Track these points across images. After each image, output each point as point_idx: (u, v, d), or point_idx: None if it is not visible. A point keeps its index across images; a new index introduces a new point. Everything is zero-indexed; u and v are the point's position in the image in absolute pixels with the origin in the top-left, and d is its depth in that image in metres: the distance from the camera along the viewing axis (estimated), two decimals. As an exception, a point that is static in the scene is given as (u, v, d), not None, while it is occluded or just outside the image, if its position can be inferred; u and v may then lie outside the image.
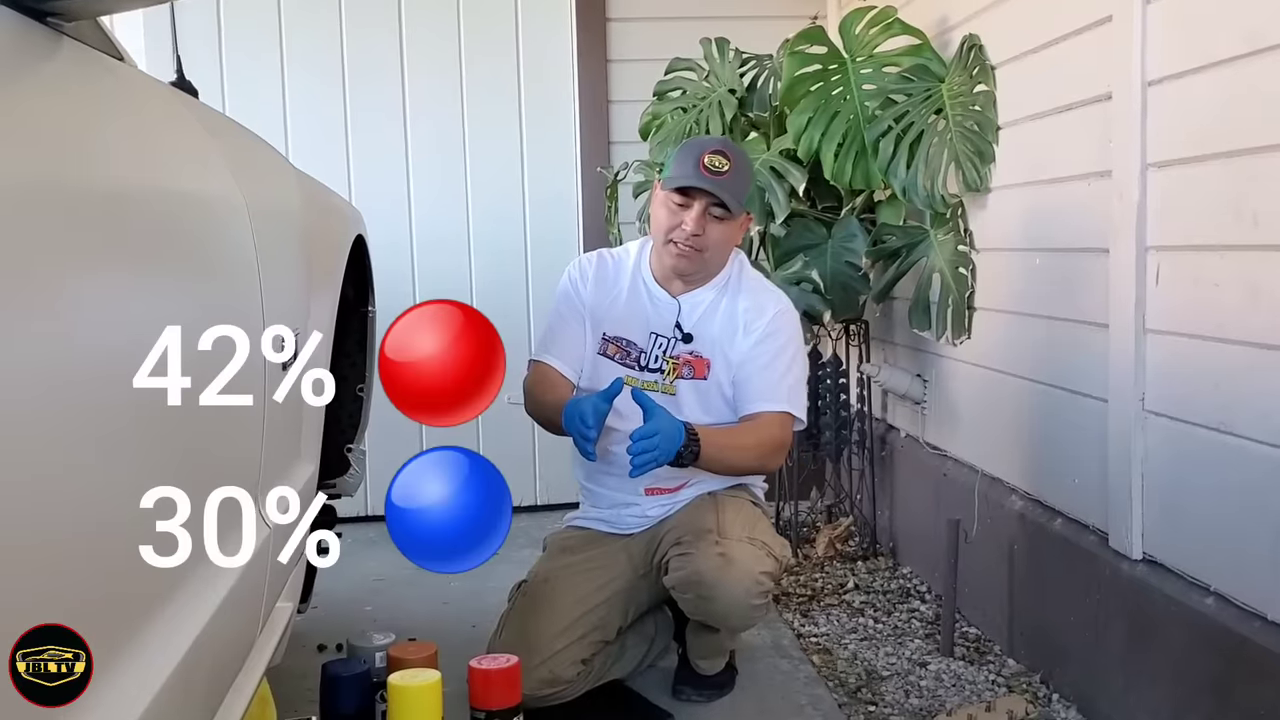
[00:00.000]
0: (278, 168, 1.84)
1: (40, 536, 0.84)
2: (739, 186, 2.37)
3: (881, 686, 2.55)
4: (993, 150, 2.81)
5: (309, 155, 3.73)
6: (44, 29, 1.04)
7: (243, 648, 1.48)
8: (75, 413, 0.90)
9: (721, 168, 2.32)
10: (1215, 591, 1.96)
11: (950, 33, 3.07)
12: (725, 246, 2.44)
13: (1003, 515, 2.73)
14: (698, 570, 2.23)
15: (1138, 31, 2.12)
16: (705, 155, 2.34)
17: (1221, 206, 1.92)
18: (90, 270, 0.95)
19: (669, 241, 2.39)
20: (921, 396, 3.31)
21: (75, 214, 0.92)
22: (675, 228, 2.37)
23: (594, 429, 2.23)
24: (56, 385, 0.87)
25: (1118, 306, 2.21)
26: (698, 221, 2.35)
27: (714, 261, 2.44)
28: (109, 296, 0.98)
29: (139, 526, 1.04)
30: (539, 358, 2.53)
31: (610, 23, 3.96)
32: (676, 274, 2.45)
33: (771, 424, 2.38)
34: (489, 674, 1.94)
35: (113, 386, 0.98)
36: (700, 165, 2.33)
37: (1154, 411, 2.13)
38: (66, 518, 0.89)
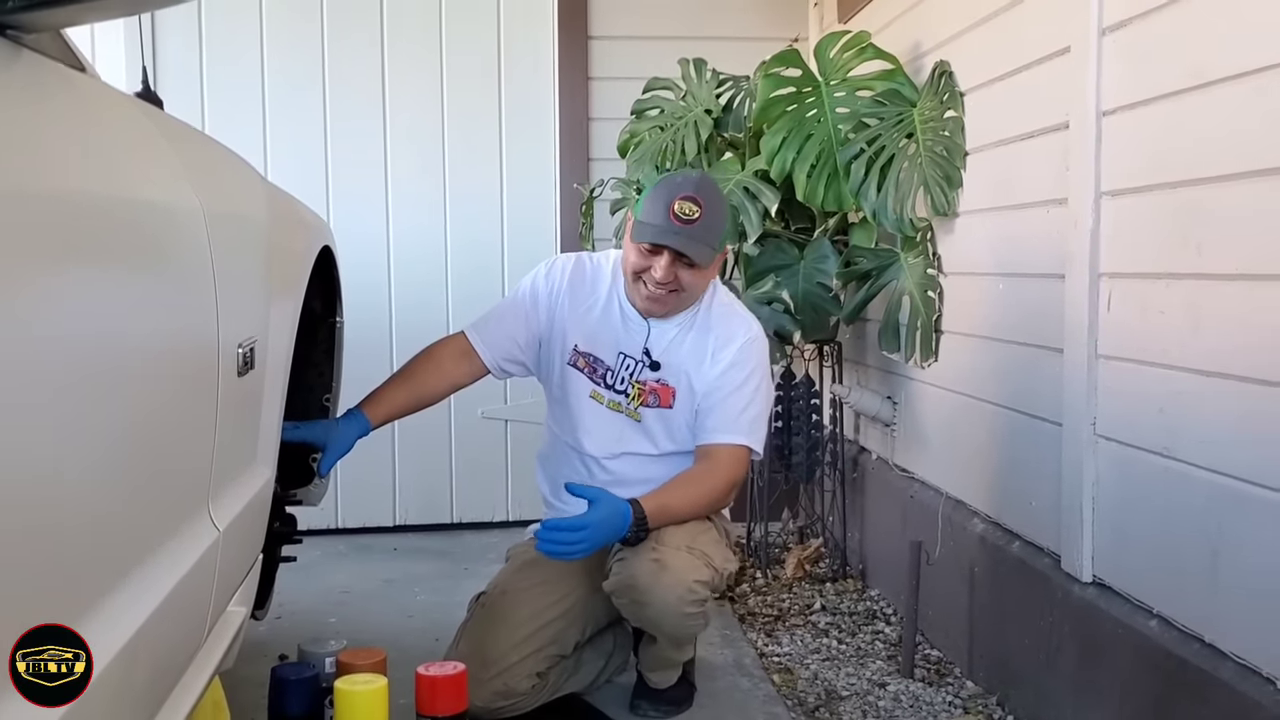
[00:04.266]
0: (241, 178, 1.91)
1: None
2: (710, 234, 2.35)
3: (840, 706, 2.60)
4: (960, 175, 2.88)
5: (288, 166, 3.85)
6: (2, 41, 1.11)
7: (188, 647, 1.53)
8: (22, 411, 0.96)
9: (692, 215, 2.30)
10: (1158, 614, 2.02)
11: (923, 58, 3.15)
12: (700, 284, 2.44)
13: (965, 538, 2.79)
14: (632, 575, 2.28)
15: (1093, 63, 2.20)
16: (676, 201, 2.30)
17: (1167, 235, 1.99)
18: (40, 274, 1.01)
19: (639, 280, 2.41)
20: (891, 419, 3.38)
21: (25, 220, 0.99)
22: (645, 270, 2.38)
23: (330, 458, 2.36)
24: (5, 385, 0.93)
25: (1072, 332, 2.28)
26: (666, 271, 2.35)
27: (686, 302, 2.45)
28: (58, 299, 1.04)
29: (79, 520, 1.10)
30: (466, 330, 2.57)
31: (592, 40, 4.04)
32: (647, 314, 2.47)
33: (724, 462, 2.42)
34: (435, 680, 2.00)
35: (61, 386, 1.04)
36: (670, 213, 2.30)
37: (1104, 436, 2.20)
38: (8, 507, 0.95)
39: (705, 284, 2.47)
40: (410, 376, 2.54)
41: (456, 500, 4.15)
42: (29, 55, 1.15)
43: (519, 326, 2.56)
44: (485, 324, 2.58)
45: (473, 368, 2.56)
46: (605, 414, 2.51)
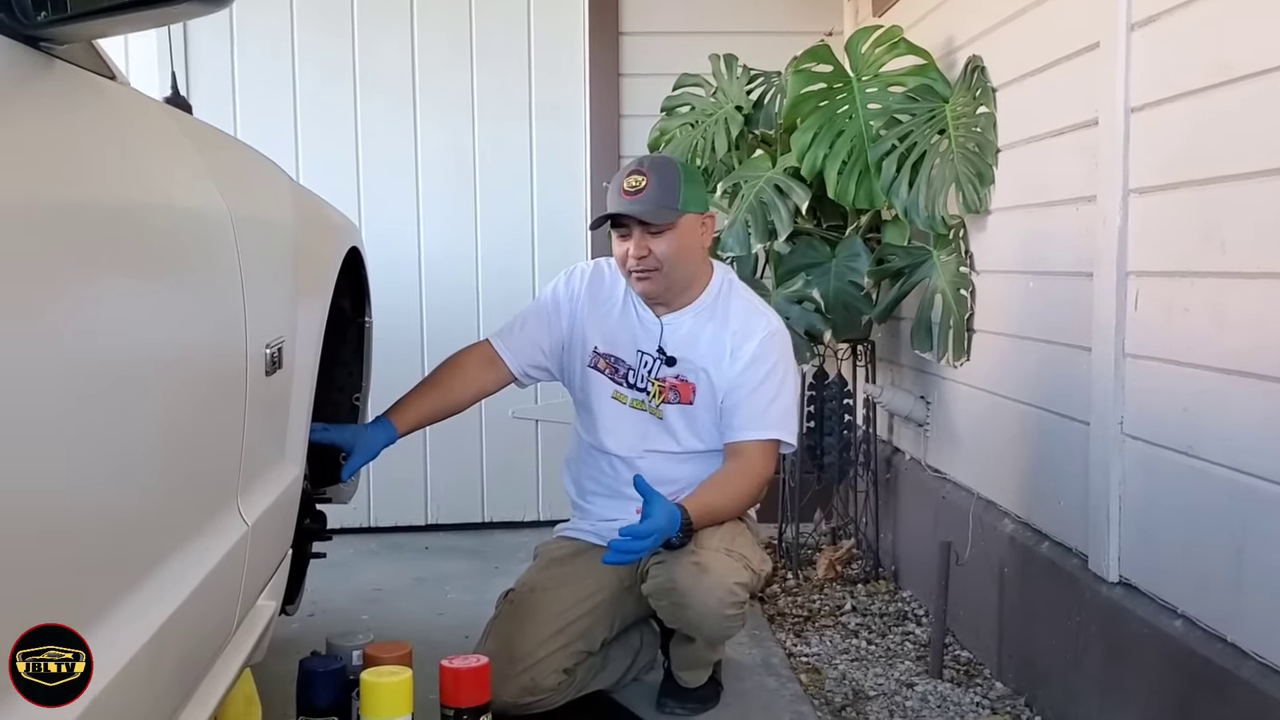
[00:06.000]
0: (268, 180, 1.98)
1: (12, 518, 0.96)
2: (663, 195, 2.43)
3: (867, 706, 2.64)
4: (992, 172, 2.91)
5: (319, 167, 3.93)
6: (36, 53, 1.18)
7: (217, 640, 1.60)
8: (59, 405, 1.03)
9: (638, 185, 2.42)
10: (1182, 614, 2.05)
11: (955, 53, 3.18)
12: (685, 254, 2.49)
13: (995, 538, 2.82)
14: (672, 578, 2.33)
15: (1121, 59, 2.23)
16: (623, 180, 2.46)
17: (1192, 233, 2.02)
18: (70, 280, 1.07)
19: (628, 272, 2.51)
20: (924, 419, 3.41)
21: (58, 227, 1.05)
22: (624, 259, 2.49)
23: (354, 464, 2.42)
24: (43, 378, 1.00)
25: (1100, 330, 2.31)
26: (638, 245, 2.45)
27: (680, 273, 2.51)
28: (87, 304, 1.11)
29: (112, 514, 1.17)
30: (491, 338, 2.65)
31: (623, 36, 4.09)
32: (647, 299, 2.55)
33: (756, 458, 2.48)
34: (459, 672, 2.06)
35: (93, 384, 1.11)
36: (621, 192, 2.45)
37: (1131, 435, 2.23)
38: (42, 503, 1.01)
39: (692, 254, 2.51)
40: (436, 385, 2.61)
41: (488, 500, 4.22)
42: (61, 66, 1.22)
43: (542, 333, 2.63)
44: (509, 331, 2.65)
45: (498, 375, 2.63)
46: (628, 413, 2.57)
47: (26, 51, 1.16)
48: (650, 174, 2.44)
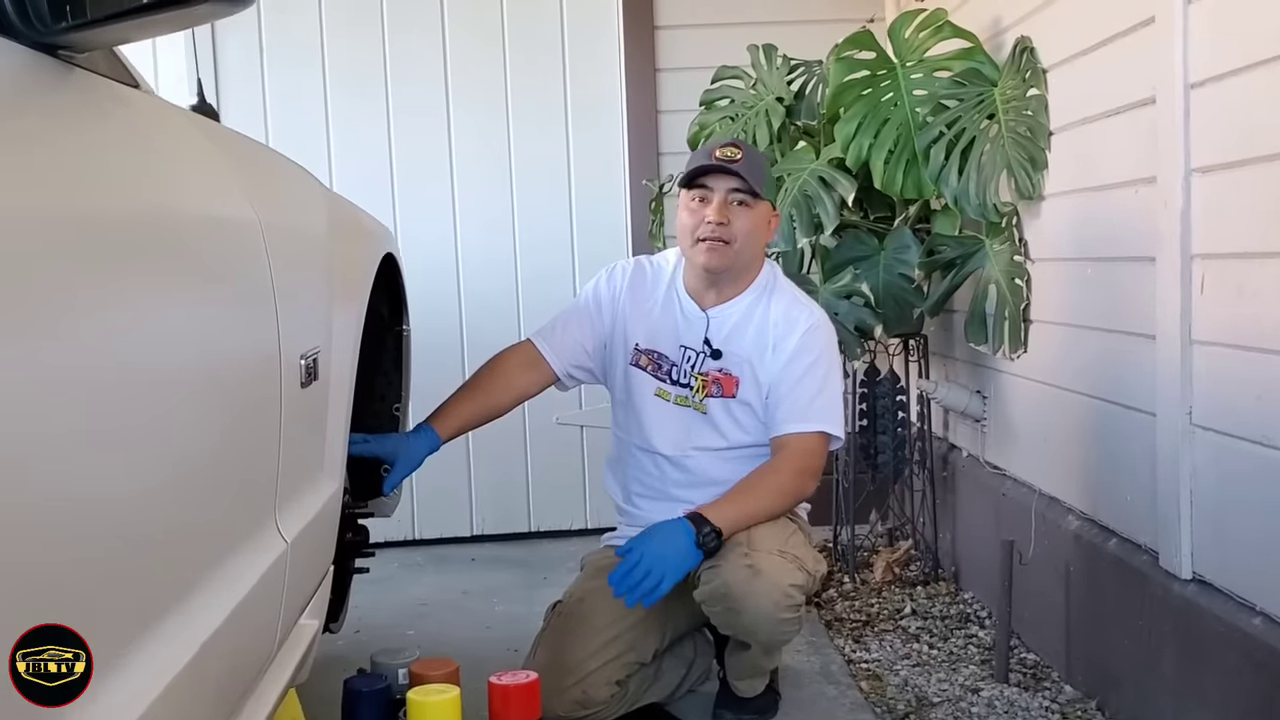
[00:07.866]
0: (299, 187, 1.97)
1: (48, 537, 0.95)
2: (754, 171, 2.47)
3: (930, 714, 2.60)
4: (1045, 156, 2.86)
5: (352, 171, 3.94)
6: (55, 62, 1.17)
7: (259, 660, 1.59)
8: (92, 422, 1.02)
9: (734, 156, 2.44)
10: (1262, 611, 1.99)
11: (1003, 35, 3.13)
12: (753, 238, 2.50)
13: (1059, 536, 2.77)
14: (725, 582, 2.30)
15: (1179, 33, 2.17)
16: (716, 150, 2.47)
17: (1262, 212, 1.97)
18: (93, 294, 1.06)
19: (696, 241, 2.48)
20: (981, 414, 3.35)
21: (80, 240, 1.04)
22: (699, 224, 2.46)
23: (397, 475, 2.42)
24: (74, 397, 0.99)
25: (1164, 317, 2.26)
26: (720, 210, 2.44)
27: (744, 256, 2.50)
28: (113, 318, 1.10)
29: (144, 532, 1.16)
30: (533, 338, 2.64)
31: (658, 30, 4.07)
32: (708, 271, 2.51)
33: (795, 451, 2.45)
34: (507, 690, 2.04)
35: (127, 399, 1.10)
36: (712, 156, 2.46)
37: (1201, 425, 2.18)
38: (78, 521, 1.00)
39: (758, 241, 2.53)
40: (478, 388, 2.60)
41: (533, 509, 4.21)
42: (80, 74, 1.21)
43: (585, 332, 2.62)
44: (551, 331, 2.63)
45: (541, 376, 2.61)
46: (671, 410, 2.55)
47: (46, 60, 1.15)
48: (745, 150, 2.48)
